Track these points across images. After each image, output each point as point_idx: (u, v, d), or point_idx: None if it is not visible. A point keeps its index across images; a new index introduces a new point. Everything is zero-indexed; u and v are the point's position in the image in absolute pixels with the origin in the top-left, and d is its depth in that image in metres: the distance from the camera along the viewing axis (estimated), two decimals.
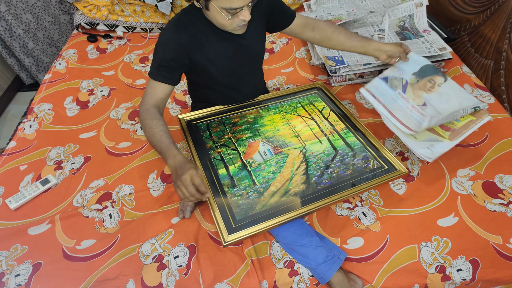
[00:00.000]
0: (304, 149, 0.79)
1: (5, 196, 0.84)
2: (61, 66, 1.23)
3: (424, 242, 0.72)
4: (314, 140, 0.81)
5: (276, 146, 0.80)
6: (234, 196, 0.71)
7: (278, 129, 0.83)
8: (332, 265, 0.67)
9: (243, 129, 0.83)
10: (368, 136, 0.83)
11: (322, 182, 0.73)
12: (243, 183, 0.73)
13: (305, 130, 0.83)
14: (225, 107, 0.88)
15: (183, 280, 0.69)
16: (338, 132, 0.83)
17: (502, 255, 0.70)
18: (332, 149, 0.79)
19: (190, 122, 0.86)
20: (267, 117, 0.86)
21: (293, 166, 0.75)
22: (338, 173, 0.74)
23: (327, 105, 0.90)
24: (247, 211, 0.68)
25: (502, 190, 0.80)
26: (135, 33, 1.40)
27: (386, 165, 0.77)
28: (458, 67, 1.13)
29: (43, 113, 1.06)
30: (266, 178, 0.73)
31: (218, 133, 0.83)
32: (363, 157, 0.77)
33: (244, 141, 0.81)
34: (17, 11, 1.43)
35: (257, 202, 0.70)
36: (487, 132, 0.93)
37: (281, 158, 0.77)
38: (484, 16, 1.10)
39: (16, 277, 0.69)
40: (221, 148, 0.80)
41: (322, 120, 0.86)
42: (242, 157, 0.77)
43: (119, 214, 0.80)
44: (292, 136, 0.82)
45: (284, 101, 0.91)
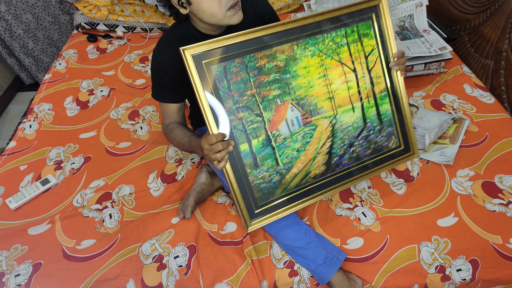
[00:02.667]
0: (334, 120, 0.70)
1: (5, 196, 0.84)
2: (61, 66, 1.23)
3: (424, 242, 0.72)
4: (347, 106, 0.70)
5: (305, 113, 0.68)
6: (257, 179, 0.65)
7: (312, 85, 0.68)
8: (332, 266, 0.67)
9: (270, 81, 0.64)
10: (402, 100, 0.73)
11: (342, 163, 0.71)
12: (266, 163, 0.66)
13: (341, 90, 0.70)
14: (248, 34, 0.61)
15: (183, 280, 0.69)
16: (375, 96, 0.72)
17: (502, 255, 0.70)
18: (361, 121, 0.72)
19: (200, 60, 0.59)
20: (302, 60, 0.66)
21: (318, 143, 0.69)
22: (359, 153, 0.72)
23: (376, 45, 0.71)
24: (268, 196, 0.66)
25: (501, 190, 0.80)
26: (135, 33, 1.40)
27: (403, 144, 0.75)
28: (458, 67, 1.13)
29: (43, 113, 1.06)
30: (290, 158, 0.68)
31: (239, 86, 0.62)
32: (388, 133, 0.74)
33: (271, 101, 0.65)
34: (17, 11, 1.43)
35: (278, 186, 0.67)
36: (487, 132, 0.93)
37: (308, 132, 0.68)
38: (484, 16, 1.10)
39: (16, 277, 0.69)
40: (243, 112, 0.63)
41: (365, 73, 0.71)
42: (267, 128, 0.66)
43: (119, 214, 0.80)
44: (325, 99, 0.69)
45: (329, 31, 0.67)
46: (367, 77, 0.72)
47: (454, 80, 1.09)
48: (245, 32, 0.60)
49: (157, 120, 1.04)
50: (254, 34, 0.61)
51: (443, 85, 1.08)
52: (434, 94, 1.06)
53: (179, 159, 0.92)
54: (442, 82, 1.09)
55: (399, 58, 0.71)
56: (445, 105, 1.02)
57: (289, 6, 1.45)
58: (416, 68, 1.07)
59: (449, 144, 0.88)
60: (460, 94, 1.04)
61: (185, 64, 0.57)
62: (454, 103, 1.02)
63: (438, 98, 1.04)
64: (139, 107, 1.08)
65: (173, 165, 0.91)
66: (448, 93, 1.05)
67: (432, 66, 1.08)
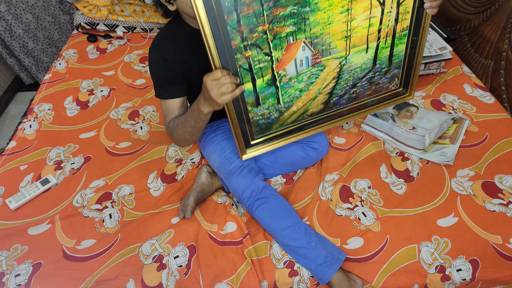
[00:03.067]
0: (344, 61, 0.67)
1: (5, 196, 0.84)
2: (61, 66, 1.23)
3: (424, 242, 0.72)
4: (362, 46, 0.66)
5: (317, 53, 0.64)
6: (256, 116, 0.67)
7: (331, 22, 0.60)
8: (332, 266, 0.67)
9: (286, 15, 0.56)
10: (421, 41, 0.69)
11: (339, 102, 0.72)
12: (268, 102, 0.65)
13: (361, 28, 0.64)
14: None
15: (183, 280, 0.69)
16: (395, 34, 0.67)
17: (502, 255, 0.70)
18: (371, 63, 0.69)
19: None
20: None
21: (322, 83, 0.68)
22: (358, 94, 0.72)
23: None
24: (264, 130, 0.69)
25: (501, 190, 0.80)
26: (135, 33, 1.40)
27: (403, 86, 0.75)
28: (458, 67, 1.13)
29: (43, 113, 1.06)
30: (291, 97, 0.67)
31: (250, 20, 0.55)
32: (392, 75, 0.73)
33: (283, 39, 0.59)
34: (17, 11, 1.43)
35: (275, 122, 0.69)
36: (487, 132, 0.93)
37: (315, 72, 0.66)
38: (484, 16, 1.10)
39: (16, 277, 0.69)
40: (251, 51, 0.58)
41: (393, 7, 0.64)
42: (274, 67, 0.62)
43: (119, 214, 0.80)
44: (341, 38, 0.63)
45: None
46: (394, 12, 0.65)
47: (454, 80, 1.09)
48: None
49: (157, 120, 1.04)
50: None
51: (443, 85, 1.08)
52: (434, 94, 1.06)
53: (179, 159, 0.92)
54: (442, 82, 1.09)
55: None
56: (445, 105, 1.02)
57: None
58: None
59: (449, 144, 0.88)
60: (460, 94, 1.04)
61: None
62: (454, 103, 1.02)
63: (438, 98, 1.04)
64: (139, 107, 1.08)
65: (173, 165, 0.91)
66: (448, 93, 1.05)
67: (432, 66, 1.08)
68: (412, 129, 0.94)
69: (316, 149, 0.84)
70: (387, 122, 0.96)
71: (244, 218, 0.79)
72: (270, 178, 0.87)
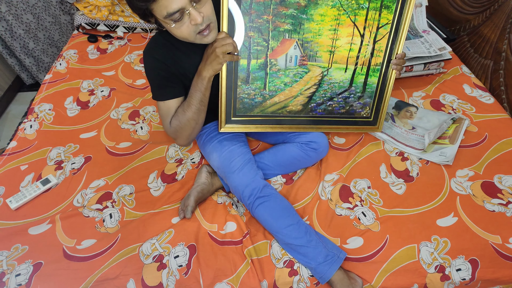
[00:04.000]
0: (326, 72, 0.78)
1: (5, 196, 0.84)
2: (62, 66, 1.24)
3: (424, 242, 0.72)
4: (342, 65, 0.78)
5: (305, 55, 0.76)
6: (243, 93, 0.75)
7: (320, 34, 0.74)
8: (332, 265, 0.67)
9: (287, 15, 0.71)
10: (389, 81, 0.80)
11: (316, 111, 0.81)
12: (256, 83, 0.75)
13: (343, 49, 0.76)
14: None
15: (183, 279, 0.69)
16: (369, 67, 0.79)
17: (501, 255, 0.70)
18: (348, 83, 0.80)
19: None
20: (322, 7, 0.72)
21: (305, 85, 0.78)
22: (333, 108, 0.81)
23: (391, 23, 0.75)
24: (247, 110, 0.77)
25: (501, 190, 0.80)
26: (136, 34, 1.40)
27: (372, 117, 0.84)
28: (458, 67, 1.13)
29: (44, 113, 1.07)
30: (276, 87, 0.77)
31: (259, 8, 0.69)
32: (365, 102, 0.82)
33: (281, 33, 0.72)
34: (18, 11, 1.43)
35: (258, 106, 0.78)
36: (487, 132, 0.93)
37: (300, 72, 0.77)
38: (484, 16, 1.11)
39: (17, 277, 0.69)
40: (254, 33, 0.71)
41: (369, 43, 0.76)
42: (268, 54, 0.74)
43: (119, 214, 0.80)
44: (326, 51, 0.76)
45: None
46: (370, 47, 0.78)
47: (453, 80, 1.09)
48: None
49: (157, 120, 1.05)
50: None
51: (443, 85, 1.08)
52: (433, 94, 1.06)
53: (179, 159, 0.93)
54: (441, 82, 1.09)
55: (400, 59, 0.77)
56: (445, 105, 1.02)
57: None
58: (415, 68, 1.07)
59: (448, 144, 0.89)
60: (459, 94, 1.04)
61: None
62: (454, 103, 1.02)
63: (438, 98, 1.04)
64: (140, 107, 1.09)
65: (173, 165, 0.91)
66: (448, 93, 1.05)
67: (431, 67, 1.08)
68: (411, 129, 0.94)
69: (316, 149, 0.85)
70: (387, 122, 0.96)
71: (244, 217, 0.79)
72: (270, 178, 0.87)
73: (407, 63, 1.05)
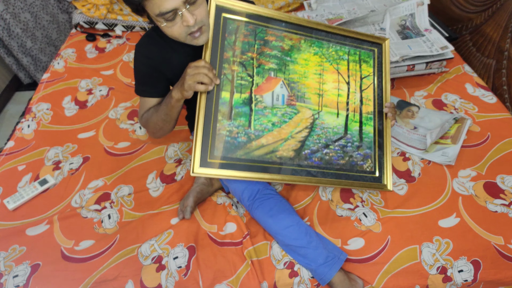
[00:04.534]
0: (317, 115, 0.71)
1: (3, 197, 0.84)
2: (60, 66, 1.23)
3: (425, 243, 0.72)
4: (333, 110, 0.73)
5: (292, 95, 0.70)
6: (224, 130, 0.65)
7: (306, 76, 0.71)
8: (333, 266, 0.67)
9: (271, 55, 0.69)
10: (385, 131, 0.76)
11: (311, 159, 0.70)
12: (239, 120, 0.66)
13: (331, 93, 0.73)
14: (268, 12, 0.70)
15: (183, 281, 0.68)
16: (361, 114, 0.75)
17: (504, 256, 0.70)
18: (342, 130, 0.73)
19: (220, 11, 0.67)
20: (304, 53, 0.71)
21: (295, 127, 0.69)
22: (331, 158, 0.71)
23: (373, 75, 0.77)
24: (227, 152, 0.65)
25: (503, 190, 0.79)
26: (134, 32, 1.39)
27: (378, 173, 0.75)
28: (460, 67, 1.12)
29: (42, 113, 1.06)
30: (263, 127, 0.67)
31: (244, 46, 0.68)
32: (365, 154, 0.73)
33: (266, 71, 0.69)
34: (15, 10, 1.42)
35: (241, 147, 0.65)
36: (489, 132, 0.92)
37: (289, 112, 0.69)
38: (486, 15, 1.10)
39: (15, 278, 0.69)
40: (238, 67, 0.67)
41: (356, 90, 0.74)
42: (253, 90, 0.68)
43: (118, 215, 0.80)
44: (314, 93, 0.72)
45: (335, 43, 0.74)
46: (358, 94, 0.76)
47: (455, 79, 1.08)
48: (267, 9, 0.70)
49: None
50: (272, 14, 0.70)
51: (445, 84, 1.07)
52: (435, 93, 1.05)
53: (179, 159, 0.92)
54: (443, 81, 1.08)
55: (391, 107, 0.76)
56: (447, 104, 1.01)
57: (289, 5, 1.44)
58: (417, 68, 1.06)
59: (450, 144, 0.88)
60: (461, 94, 1.03)
61: (208, 7, 0.65)
62: (456, 103, 1.01)
63: (440, 98, 1.03)
64: (138, 106, 1.08)
65: (173, 165, 0.90)
66: (450, 93, 1.04)
67: (433, 66, 1.07)
68: (413, 129, 0.94)
69: None
70: None
71: (244, 218, 0.78)
72: None
73: (409, 62, 1.04)
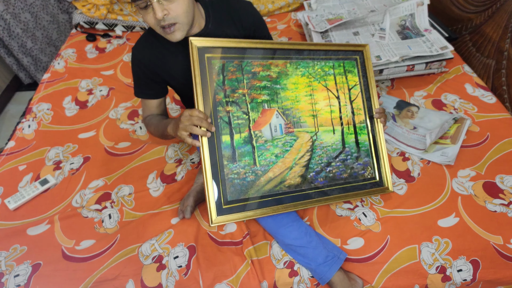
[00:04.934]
0: (315, 136, 0.74)
1: (4, 197, 0.84)
2: (60, 66, 1.23)
3: (425, 243, 0.72)
4: (329, 127, 0.75)
5: (289, 123, 0.72)
6: (232, 173, 0.65)
7: (298, 100, 0.73)
8: (332, 265, 0.67)
9: (262, 87, 0.70)
10: (379, 136, 0.78)
11: (317, 180, 0.72)
12: (244, 160, 0.67)
13: (324, 111, 0.75)
14: (250, 43, 0.69)
15: (183, 280, 0.68)
16: (355, 125, 0.77)
17: (503, 256, 0.70)
18: (340, 144, 0.75)
19: (203, 53, 0.66)
20: (292, 77, 0.72)
21: (297, 154, 0.71)
22: (335, 174, 0.74)
23: (359, 83, 0.79)
24: (240, 194, 0.66)
25: (503, 190, 0.80)
26: (134, 32, 1.39)
27: (378, 177, 0.77)
28: (460, 67, 1.12)
29: (42, 113, 1.06)
30: (268, 161, 0.69)
31: (233, 83, 0.68)
32: (364, 162, 0.76)
33: (259, 104, 0.70)
34: (16, 10, 1.42)
35: (251, 186, 0.67)
36: (488, 132, 0.92)
37: (289, 140, 0.71)
38: (486, 15, 1.10)
39: (16, 278, 0.69)
40: (232, 107, 0.67)
41: (347, 103, 0.77)
42: (251, 127, 0.68)
43: (118, 215, 0.80)
44: (309, 115, 0.74)
45: (319, 60, 0.76)
46: (349, 106, 0.78)
47: (455, 79, 1.08)
48: (248, 40, 0.69)
49: None
50: (254, 44, 0.70)
51: (444, 84, 1.08)
52: (435, 93, 1.05)
53: (179, 159, 0.92)
54: (443, 81, 1.09)
55: (380, 112, 0.77)
56: (446, 104, 1.01)
57: (289, 5, 1.44)
58: (417, 68, 1.06)
59: (450, 144, 0.88)
60: (461, 94, 1.04)
61: (190, 52, 0.64)
62: (455, 103, 1.01)
63: (439, 98, 1.04)
64: (138, 106, 1.08)
65: (173, 165, 0.90)
66: (449, 93, 1.04)
67: (433, 66, 1.08)
68: (413, 129, 0.94)
69: None
70: (388, 122, 0.96)
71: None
72: None
73: (408, 62, 1.04)
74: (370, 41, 1.11)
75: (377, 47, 1.08)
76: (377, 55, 1.05)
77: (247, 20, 0.74)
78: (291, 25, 1.37)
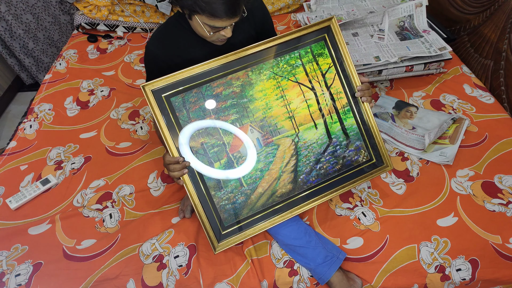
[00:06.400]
0: (296, 138, 0.70)
1: (5, 196, 0.84)
2: (62, 66, 1.24)
3: (424, 242, 0.72)
4: (309, 124, 0.70)
5: (266, 133, 0.69)
6: (222, 201, 0.66)
7: (270, 107, 0.68)
8: (332, 265, 0.67)
9: (228, 106, 0.66)
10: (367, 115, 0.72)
11: (309, 180, 0.70)
12: (230, 184, 0.67)
13: (301, 109, 0.70)
14: (203, 66, 0.65)
15: (183, 279, 0.69)
16: (338, 111, 0.71)
17: (502, 255, 0.70)
18: (326, 137, 0.71)
19: (159, 94, 0.63)
20: (258, 84, 0.67)
21: (282, 162, 0.69)
22: (327, 169, 0.71)
23: (333, 63, 0.71)
24: (234, 217, 0.67)
25: (501, 190, 0.80)
26: (135, 33, 1.40)
27: (375, 158, 0.73)
28: (458, 67, 1.13)
29: (44, 113, 1.07)
30: (253, 178, 0.68)
31: (198, 114, 0.65)
32: (356, 147, 0.72)
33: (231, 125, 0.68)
34: (17, 11, 1.43)
35: (244, 206, 0.68)
36: (487, 132, 0.93)
37: (270, 151, 0.69)
38: (484, 16, 1.11)
39: (17, 277, 0.69)
40: (204, 138, 0.66)
41: (324, 91, 0.71)
42: (228, 151, 0.67)
43: (119, 214, 0.80)
44: (285, 119, 0.69)
45: (282, 55, 0.68)
46: (327, 94, 0.72)
47: (453, 80, 1.09)
48: (200, 64, 0.64)
49: None
50: (208, 65, 0.65)
51: (443, 85, 1.08)
52: (433, 94, 1.06)
53: None
54: (441, 82, 1.09)
55: (363, 90, 0.70)
56: (445, 105, 1.02)
57: (289, 6, 1.45)
58: (415, 68, 1.07)
59: (448, 144, 0.89)
60: (459, 94, 1.04)
61: (146, 98, 0.63)
62: (454, 103, 1.02)
63: (438, 98, 1.04)
64: (139, 107, 1.09)
65: None
66: (448, 93, 1.05)
67: (431, 66, 1.08)
68: (411, 129, 0.94)
69: None
70: (387, 122, 0.97)
71: None
72: None
73: (407, 63, 1.05)
74: (369, 42, 1.12)
75: (376, 48, 1.08)
76: (376, 55, 1.06)
77: (257, 14, 0.75)
78: (290, 26, 1.38)
